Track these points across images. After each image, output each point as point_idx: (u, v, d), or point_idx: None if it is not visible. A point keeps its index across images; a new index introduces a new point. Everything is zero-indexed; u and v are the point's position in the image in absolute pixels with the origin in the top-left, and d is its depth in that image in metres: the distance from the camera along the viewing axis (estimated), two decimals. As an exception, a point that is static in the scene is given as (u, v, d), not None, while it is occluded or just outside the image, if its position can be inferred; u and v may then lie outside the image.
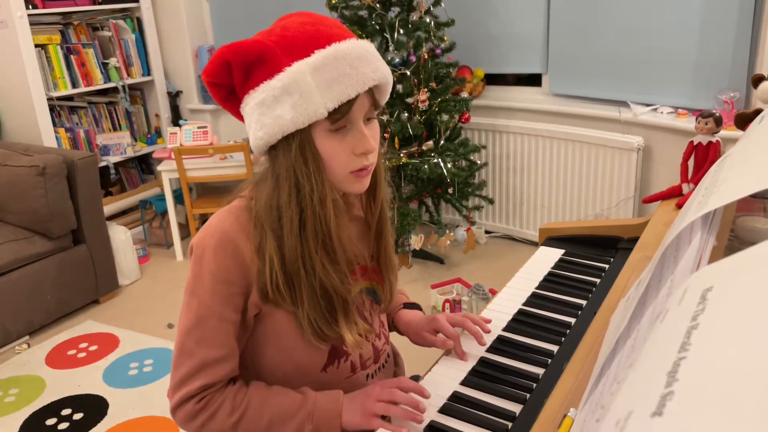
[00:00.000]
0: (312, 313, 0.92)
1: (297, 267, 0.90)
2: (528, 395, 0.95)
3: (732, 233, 0.87)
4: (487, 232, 3.55)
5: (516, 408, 0.93)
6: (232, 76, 0.88)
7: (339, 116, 0.87)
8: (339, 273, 0.93)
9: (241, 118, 0.94)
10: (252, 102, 0.88)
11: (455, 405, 0.95)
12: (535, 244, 1.53)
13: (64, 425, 2.20)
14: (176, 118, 3.97)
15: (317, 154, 0.88)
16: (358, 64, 0.86)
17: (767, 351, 0.30)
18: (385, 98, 0.95)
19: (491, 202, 3.24)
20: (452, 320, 1.11)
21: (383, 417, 0.92)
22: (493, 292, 2.61)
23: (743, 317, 0.34)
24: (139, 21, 3.82)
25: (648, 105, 2.89)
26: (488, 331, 1.11)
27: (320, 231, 0.90)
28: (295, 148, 0.88)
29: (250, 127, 0.90)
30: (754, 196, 0.99)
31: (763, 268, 0.39)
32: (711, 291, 0.40)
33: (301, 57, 0.85)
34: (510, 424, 0.90)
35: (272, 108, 0.86)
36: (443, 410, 0.94)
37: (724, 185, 0.58)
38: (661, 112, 2.83)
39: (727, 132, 2.29)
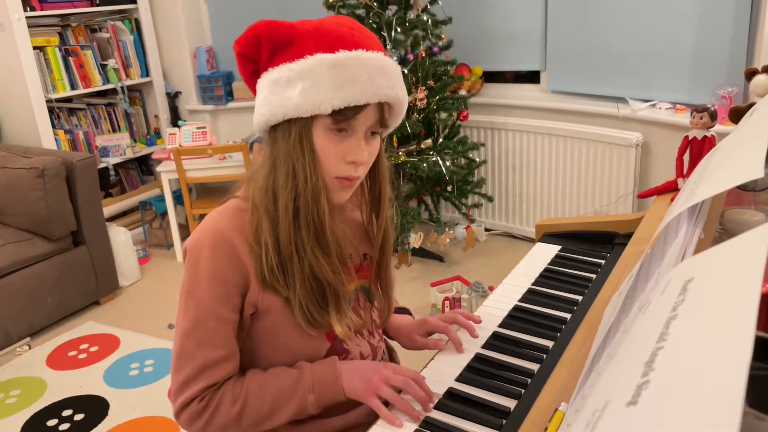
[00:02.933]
0: (304, 298, 0.92)
1: (290, 252, 0.91)
2: (523, 391, 0.95)
3: (721, 226, 0.87)
4: (486, 229, 3.55)
5: (511, 403, 0.93)
6: (260, 53, 0.90)
7: (342, 118, 0.87)
8: (331, 265, 0.94)
9: None
10: (267, 78, 0.90)
11: (450, 401, 0.95)
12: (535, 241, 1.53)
13: (65, 426, 2.21)
14: (175, 119, 3.97)
15: (314, 148, 0.89)
16: (376, 75, 0.87)
17: (742, 341, 0.31)
18: (396, 122, 0.96)
19: (490, 199, 3.24)
20: (443, 319, 1.12)
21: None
22: (493, 290, 2.61)
23: (720, 307, 0.35)
24: (138, 22, 3.82)
25: (646, 101, 2.88)
26: (479, 321, 1.13)
27: (312, 223, 0.91)
28: (294, 135, 0.88)
29: (257, 103, 0.92)
30: (743, 188, 0.99)
31: (742, 259, 0.39)
32: (692, 282, 0.40)
33: (326, 50, 0.87)
34: (504, 420, 0.90)
35: (284, 88, 0.88)
36: (438, 407, 0.94)
37: (711, 178, 0.58)
38: (660, 108, 2.82)
39: (723, 127, 2.28)
